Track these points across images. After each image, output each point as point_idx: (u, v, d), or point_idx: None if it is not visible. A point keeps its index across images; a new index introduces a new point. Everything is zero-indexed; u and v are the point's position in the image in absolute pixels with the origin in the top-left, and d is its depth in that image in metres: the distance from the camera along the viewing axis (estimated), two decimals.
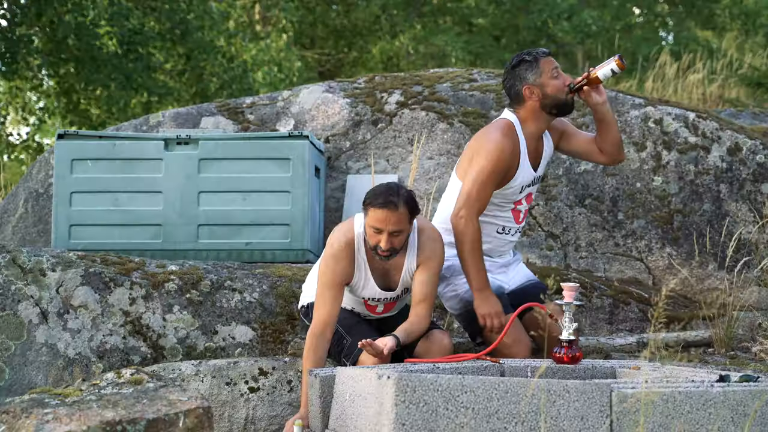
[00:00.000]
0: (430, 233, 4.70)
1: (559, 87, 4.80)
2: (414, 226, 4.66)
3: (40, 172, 6.96)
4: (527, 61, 4.80)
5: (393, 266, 4.69)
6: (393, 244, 4.52)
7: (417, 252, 4.66)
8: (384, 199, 4.48)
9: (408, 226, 4.55)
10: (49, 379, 5.14)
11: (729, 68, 12.61)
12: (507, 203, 4.91)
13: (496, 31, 21.06)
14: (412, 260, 4.67)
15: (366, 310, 4.86)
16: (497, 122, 4.89)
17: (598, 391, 3.77)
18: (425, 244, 4.66)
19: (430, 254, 4.66)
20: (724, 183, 6.47)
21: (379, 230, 4.52)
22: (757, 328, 5.88)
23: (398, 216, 4.49)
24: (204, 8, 16.46)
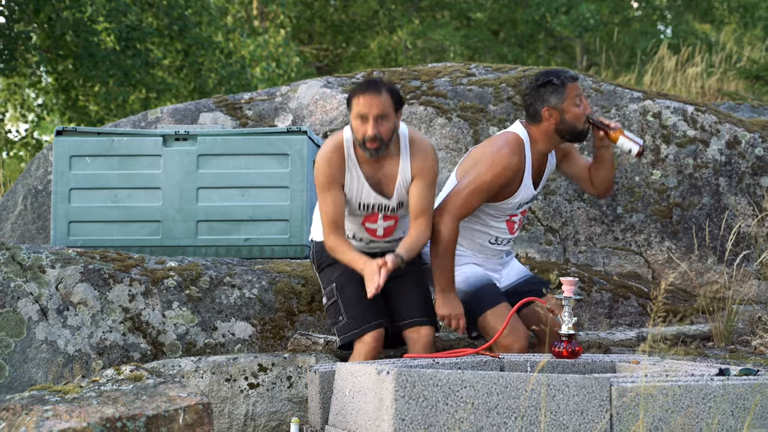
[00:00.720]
0: (422, 143, 4.70)
1: (579, 115, 4.78)
2: (405, 134, 4.68)
3: (39, 169, 6.96)
4: (554, 84, 4.75)
5: (386, 175, 4.67)
6: (379, 130, 4.53)
7: (410, 160, 4.66)
8: (366, 86, 4.54)
9: (393, 114, 4.56)
10: (49, 376, 5.14)
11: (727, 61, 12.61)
12: (502, 215, 4.91)
13: (494, 26, 21.05)
14: (406, 168, 4.67)
15: (366, 233, 4.80)
16: (508, 135, 4.83)
17: (598, 386, 3.77)
18: (418, 154, 4.66)
19: (422, 164, 4.66)
20: (723, 176, 6.47)
21: (364, 117, 4.53)
22: (757, 321, 5.88)
23: (381, 100, 4.52)
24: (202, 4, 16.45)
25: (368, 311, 4.68)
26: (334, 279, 4.77)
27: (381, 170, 4.68)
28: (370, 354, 4.67)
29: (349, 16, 20.91)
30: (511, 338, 4.74)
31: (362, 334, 4.67)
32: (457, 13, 21.17)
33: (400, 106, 4.61)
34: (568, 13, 18.79)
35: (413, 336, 4.72)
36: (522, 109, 6.82)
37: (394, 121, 4.58)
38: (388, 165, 4.67)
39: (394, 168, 4.67)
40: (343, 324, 4.70)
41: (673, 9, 20.22)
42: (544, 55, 21.27)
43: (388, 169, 4.67)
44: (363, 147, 4.59)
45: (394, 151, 4.67)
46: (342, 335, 4.72)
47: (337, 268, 4.78)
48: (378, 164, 4.68)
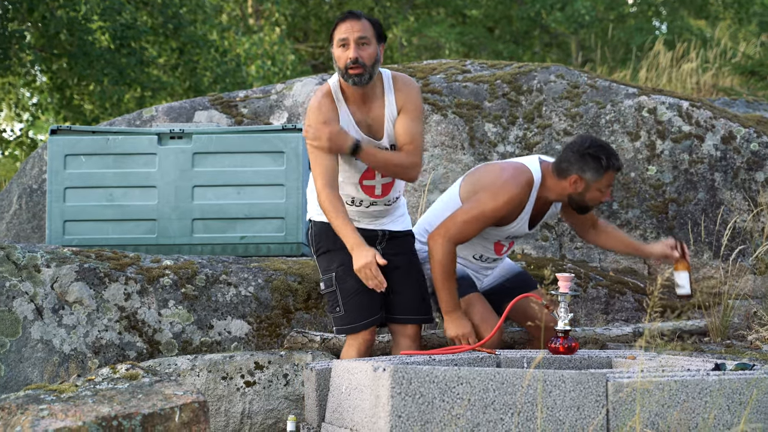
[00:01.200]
0: (404, 79, 4.69)
1: (597, 200, 4.81)
2: (387, 74, 4.66)
3: (34, 168, 6.95)
4: (598, 163, 4.72)
5: (374, 117, 4.64)
6: (362, 56, 4.51)
7: (394, 96, 4.65)
8: (346, 13, 4.57)
9: (374, 42, 4.56)
10: (45, 375, 5.14)
11: (722, 57, 12.62)
12: (491, 238, 4.93)
13: (489, 22, 21.05)
14: (391, 106, 4.65)
15: (364, 194, 4.73)
16: (520, 170, 4.80)
17: (594, 381, 3.77)
18: (401, 89, 4.65)
19: (406, 98, 4.63)
20: (718, 171, 6.47)
21: (345, 42, 4.53)
22: (753, 316, 5.88)
23: (362, 24, 4.53)
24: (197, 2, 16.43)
25: (366, 307, 4.66)
26: (334, 269, 4.72)
27: (369, 112, 4.65)
28: (363, 346, 4.67)
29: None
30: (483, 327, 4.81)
31: (358, 330, 4.66)
32: (453, 10, 21.16)
33: (381, 38, 4.60)
34: (564, 10, 18.78)
35: (400, 329, 4.73)
36: (517, 106, 6.82)
37: (375, 49, 4.56)
38: (376, 106, 4.64)
39: (380, 108, 4.64)
40: (340, 315, 4.68)
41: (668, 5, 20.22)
42: (539, 52, 21.28)
43: (375, 111, 4.64)
44: (346, 76, 4.55)
45: (379, 92, 4.64)
46: (338, 326, 4.72)
47: (336, 256, 4.71)
48: (366, 106, 4.64)
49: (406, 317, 4.74)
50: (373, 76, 4.57)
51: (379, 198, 4.75)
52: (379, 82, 4.64)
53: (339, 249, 4.64)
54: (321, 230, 4.76)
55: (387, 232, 4.79)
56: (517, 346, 5.30)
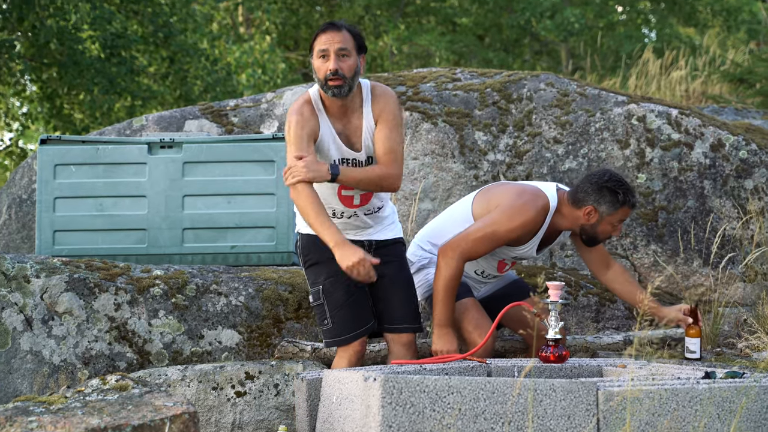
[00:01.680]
0: (381, 88, 4.67)
1: (608, 234, 4.86)
2: (367, 85, 4.64)
3: (24, 178, 6.94)
4: (615, 197, 4.76)
5: (353, 129, 4.62)
6: (341, 68, 4.50)
7: (371, 107, 4.63)
8: (326, 24, 4.55)
9: (354, 53, 4.54)
10: (34, 386, 5.12)
11: (711, 65, 12.66)
12: (496, 256, 4.96)
13: (479, 31, 21.09)
14: (369, 117, 4.63)
15: (343, 204, 4.71)
16: (538, 195, 4.83)
17: (585, 390, 3.77)
18: (377, 99, 4.62)
19: (382, 107, 4.61)
20: (707, 179, 6.48)
21: (325, 53, 4.52)
22: (743, 324, 5.89)
23: (342, 35, 4.52)
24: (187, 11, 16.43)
25: (354, 319, 4.65)
26: (321, 281, 4.70)
27: (348, 124, 4.63)
28: (353, 357, 4.66)
29: None
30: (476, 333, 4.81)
31: (347, 342, 4.66)
32: (443, 18, 21.20)
33: (362, 49, 4.59)
34: (553, 18, 18.83)
35: (394, 338, 4.72)
36: (507, 114, 6.83)
37: (356, 60, 4.55)
38: (354, 118, 4.62)
39: (359, 119, 4.62)
40: (328, 328, 4.67)
41: (657, 13, 20.29)
42: (529, 60, 21.32)
43: (353, 122, 4.62)
44: (326, 87, 4.54)
45: (358, 103, 4.63)
46: (327, 339, 4.71)
47: (324, 269, 4.69)
48: (345, 117, 4.62)
49: (399, 326, 4.73)
50: (353, 88, 4.56)
51: (359, 207, 4.72)
52: (358, 93, 4.63)
53: (326, 261, 4.62)
54: (308, 243, 4.74)
55: (374, 241, 4.78)
56: (509, 355, 5.30)
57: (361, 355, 4.68)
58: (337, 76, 4.49)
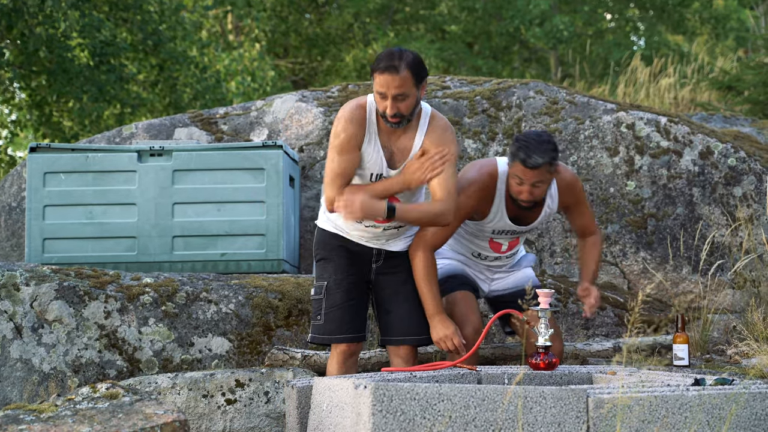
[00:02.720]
0: (441, 123, 4.56)
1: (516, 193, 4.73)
2: (427, 111, 4.56)
3: (13, 186, 6.92)
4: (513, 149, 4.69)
5: (400, 148, 4.55)
6: (399, 109, 4.41)
7: (425, 138, 4.53)
8: (386, 63, 4.38)
9: (413, 90, 4.42)
10: (24, 394, 5.11)
11: (700, 72, 12.70)
12: (482, 235, 4.91)
13: (468, 38, 21.12)
14: (419, 144, 4.54)
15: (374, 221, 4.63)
16: (485, 163, 4.85)
17: (575, 397, 3.78)
18: (434, 131, 4.52)
19: (437, 141, 4.50)
20: (696, 186, 6.51)
21: (383, 95, 4.40)
22: (732, 330, 5.91)
23: (401, 79, 4.36)
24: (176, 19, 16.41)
25: (345, 322, 4.63)
26: (327, 278, 4.66)
27: (396, 142, 4.55)
28: (341, 359, 4.64)
29: (324, 29, 20.94)
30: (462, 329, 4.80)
31: (330, 342, 4.65)
32: (432, 25, 21.23)
33: (422, 80, 4.45)
34: (542, 25, 18.87)
35: (394, 350, 4.70)
36: (497, 122, 6.84)
37: (415, 96, 4.44)
38: (405, 138, 4.54)
39: (409, 142, 4.54)
40: (318, 324, 4.65)
41: (646, 20, 20.35)
42: (518, 67, 21.36)
43: (403, 142, 4.54)
44: (384, 119, 4.47)
45: (413, 125, 4.54)
46: (314, 334, 4.70)
47: (331, 266, 4.67)
48: (395, 135, 4.54)
49: (398, 338, 4.70)
50: (412, 118, 4.50)
51: (383, 222, 4.63)
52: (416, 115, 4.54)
53: (335, 258, 4.63)
54: (322, 238, 4.71)
55: (384, 251, 4.71)
56: (499, 362, 5.31)
57: (348, 357, 4.65)
58: (395, 116, 4.44)
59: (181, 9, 16.96)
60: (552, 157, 4.62)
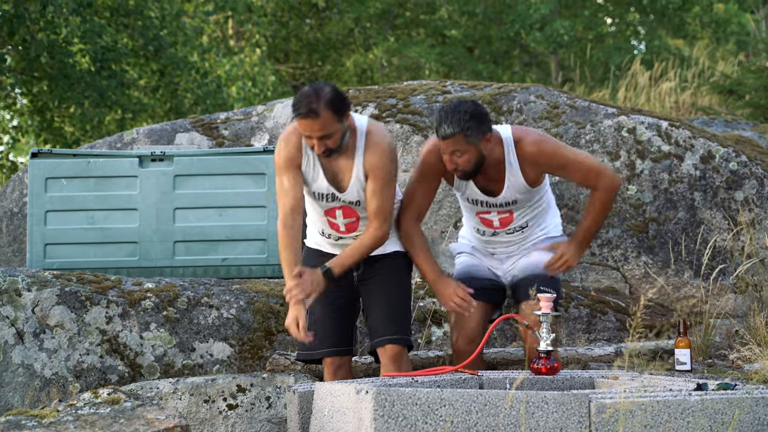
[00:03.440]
0: (377, 140, 4.56)
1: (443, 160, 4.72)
2: (363, 129, 4.55)
3: (15, 192, 6.93)
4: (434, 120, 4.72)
5: (341, 168, 4.58)
6: (326, 145, 4.44)
7: (363, 158, 4.55)
8: (304, 109, 4.40)
9: (338, 126, 4.43)
10: (26, 400, 5.11)
11: (701, 76, 12.70)
12: (470, 209, 4.88)
13: (469, 43, 21.14)
14: (359, 165, 4.56)
15: (330, 228, 4.71)
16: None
17: (577, 402, 3.77)
18: (371, 151, 4.54)
19: (375, 162, 4.54)
20: (698, 191, 6.50)
21: (308, 136, 4.45)
22: (734, 335, 5.90)
23: (321, 122, 4.39)
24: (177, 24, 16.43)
25: (328, 336, 4.65)
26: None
27: (336, 162, 4.58)
28: (330, 372, 4.67)
29: (325, 34, 20.95)
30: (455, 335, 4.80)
31: (313, 357, 4.68)
32: (432, 30, 21.23)
33: (343, 114, 4.46)
34: (543, 30, 18.88)
35: (381, 352, 4.70)
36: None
37: (341, 131, 4.46)
38: (343, 158, 4.56)
39: (348, 162, 4.57)
40: (300, 342, 4.63)
41: (647, 25, 20.36)
42: (519, 72, 21.37)
43: (342, 162, 4.57)
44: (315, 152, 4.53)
45: (350, 145, 4.56)
46: (299, 351, 4.75)
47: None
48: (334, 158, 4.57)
49: (380, 338, 4.70)
50: (344, 146, 4.51)
51: (345, 234, 4.72)
52: (351, 135, 4.56)
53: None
54: (305, 255, 4.75)
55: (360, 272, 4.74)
56: (500, 367, 5.30)
57: (336, 370, 4.66)
58: (325, 152, 4.48)
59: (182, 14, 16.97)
60: (463, 128, 4.58)
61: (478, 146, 4.63)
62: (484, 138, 4.64)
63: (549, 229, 4.95)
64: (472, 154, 4.64)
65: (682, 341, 5.11)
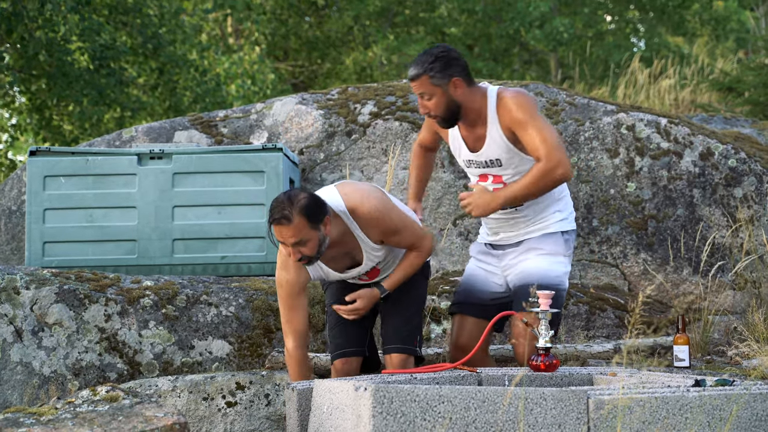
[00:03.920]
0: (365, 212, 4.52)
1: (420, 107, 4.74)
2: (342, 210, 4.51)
3: (13, 190, 6.93)
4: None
5: (348, 248, 4.58)
6: (302, 252, 4.41)
7: (361, 229, 4.54)
8: (277, 215, 4.36)
9: (312, 233, 4.38)
10: (25, 397, 5.11)
11: (700, 73, 12.70)
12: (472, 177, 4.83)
13: (468, 40, 21.13)
14: (362, 237, 4.55)
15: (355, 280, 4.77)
16: None
17: (575, 399, 3.77)
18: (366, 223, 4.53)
19: (383, 228, 4.54)
20: (697, 188, 6.50)
21: (283, 242, 4.42)
22: (733, 331, 5.91)
23: (293, 229, 4.34)
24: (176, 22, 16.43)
25: (343, 340, 4.73)
26: (327, 301, 4.85)
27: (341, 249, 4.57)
28: (338, 372, 4.71)
29: (324, 32, 20.94)
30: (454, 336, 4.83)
31: (332, 359, 4.74)
32: (432, 28, 21.23)
33: (319, 221, 4.40)
34: (542, 27, 18.88)
35: (387, 360, 4.74)
36: None
37: (317, 238, 4.40)
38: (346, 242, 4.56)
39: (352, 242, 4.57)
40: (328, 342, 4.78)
41: (646, 22, 20.36)
42: (518, 69, 21.37)
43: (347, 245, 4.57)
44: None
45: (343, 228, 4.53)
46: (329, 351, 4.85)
47: (330, 289, 4.84)
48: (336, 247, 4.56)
49: (388, 346, 4.75)
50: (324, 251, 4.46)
51: (370, 281, 4.76)
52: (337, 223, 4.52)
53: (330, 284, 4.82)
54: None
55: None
56: (499, 364, 5.30)
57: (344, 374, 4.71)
58: (301, 260, 4.45)
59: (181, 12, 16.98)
60: (426, 69, 4.56)
61: (445, 89, 4.59)
62: (450, 81, 4.59)
63: (549, 222, 4.77)
64: (440, 97, 4.60)
65: (680, 338, 5.12)
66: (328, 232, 4.44)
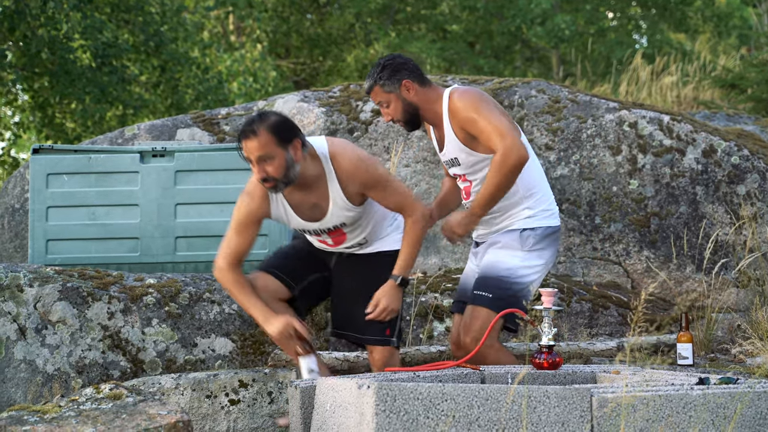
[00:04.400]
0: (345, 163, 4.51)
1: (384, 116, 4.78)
2: (325, 154, 4.50)
3: (16, 188, 6.93)
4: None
5: (316, 200, 4.57)
6: (267, 172, 4.39)
7: (340, 186, 4.52)
8: (243, 128, 4.41)
9: (278, 151, 4.36)
10: (28, 395, 5.11)
11: (702, 70, 12.69)
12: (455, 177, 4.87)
13: (470, 38, 21.13)
14: (336, 192, 4.53)
15: (319, 243, 4.79)
16: None
17: (579, 396, 3.77)
18: (347, 177, 4.52)
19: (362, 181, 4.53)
20: (699, 185, 6.50)
21: (250, 160, 4.43)
22: (736, 329, 5.90)
23: (259, 142, 4.35)
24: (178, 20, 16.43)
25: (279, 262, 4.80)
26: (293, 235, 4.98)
27: (310, 195, 4.57)
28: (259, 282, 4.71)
29: (326, 29, 20.94)
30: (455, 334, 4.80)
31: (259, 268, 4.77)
32: (433, 25, 21.23)
33: (287, 140, 4.40)
34: (544, 24, 18.87)
35: (370, 351, 4.75)
36: None
37: (283, 157, 4.39)
38: (316, 189, 4.55)
39: (323, 191, 4.56)
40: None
41: (648, 19, 20.34)
42: (520, 66, 21.36)
43: (317, 192, 4.56)
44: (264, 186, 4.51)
45: (319, 172, 4.52)
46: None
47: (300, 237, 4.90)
48: (305, 190, 4.55)
49: (362, 337, 4.74)
50: (292, 179, 4.45)
51: (334, 247, 4.78)
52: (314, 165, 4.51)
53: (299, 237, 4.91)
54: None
55: (346, 254, 4.82)
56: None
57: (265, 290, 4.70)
58: (266, 180, 4.44)
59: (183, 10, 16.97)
60: (377, 78, 4.65)
61: (398, 94, 4.66)
62: (401, 85, 4.65)
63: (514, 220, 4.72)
64: (396, 102, 4.67)
65: (684, 335, 5.12)
66: (298, 159, 4.44)
